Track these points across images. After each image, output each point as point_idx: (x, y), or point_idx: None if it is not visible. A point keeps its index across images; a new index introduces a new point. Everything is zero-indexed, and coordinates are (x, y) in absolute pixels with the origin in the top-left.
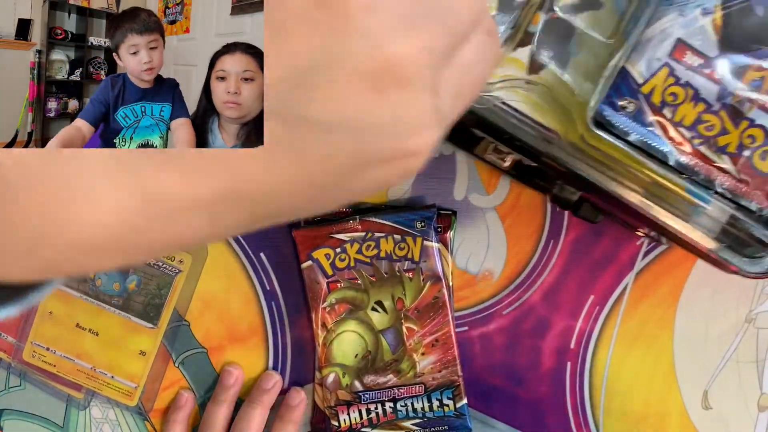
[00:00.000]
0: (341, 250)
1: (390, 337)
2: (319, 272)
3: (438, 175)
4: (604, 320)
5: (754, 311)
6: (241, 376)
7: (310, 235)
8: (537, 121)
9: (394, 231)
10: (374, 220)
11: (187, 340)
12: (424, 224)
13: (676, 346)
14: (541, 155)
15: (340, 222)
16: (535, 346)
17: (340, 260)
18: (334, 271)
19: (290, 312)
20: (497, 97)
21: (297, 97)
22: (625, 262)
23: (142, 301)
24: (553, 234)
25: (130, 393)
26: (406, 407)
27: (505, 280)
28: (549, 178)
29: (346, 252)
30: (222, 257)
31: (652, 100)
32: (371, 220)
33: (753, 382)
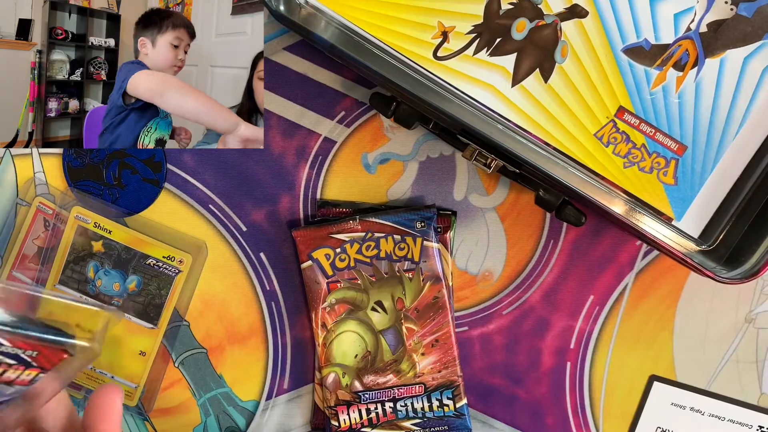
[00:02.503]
0: (341, 251)
1: (390, 337)
2: (319, 272)
3: (438, 175)
4: (604, 320)
5: (754, 311)
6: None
7: (309, 235)
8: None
9: (394, 231)
10: (374, 221)
11: (187, 340)
12: (424, 224)
13: (676, 346)
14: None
15: (340, 222)
16: (535, 346)
17: (340, 260)
18: (334, 271)
19: (290, 312)
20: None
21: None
22: (625, 262)
23: (142, 301)
24: (553, 234)
25: (130, 393)
26: (405, 407)
27: (505, 280)
28: (532, 183)
29: (346, 252)
30: (222, 257)
31: None
32: (371, 220)
33: (753, 382)
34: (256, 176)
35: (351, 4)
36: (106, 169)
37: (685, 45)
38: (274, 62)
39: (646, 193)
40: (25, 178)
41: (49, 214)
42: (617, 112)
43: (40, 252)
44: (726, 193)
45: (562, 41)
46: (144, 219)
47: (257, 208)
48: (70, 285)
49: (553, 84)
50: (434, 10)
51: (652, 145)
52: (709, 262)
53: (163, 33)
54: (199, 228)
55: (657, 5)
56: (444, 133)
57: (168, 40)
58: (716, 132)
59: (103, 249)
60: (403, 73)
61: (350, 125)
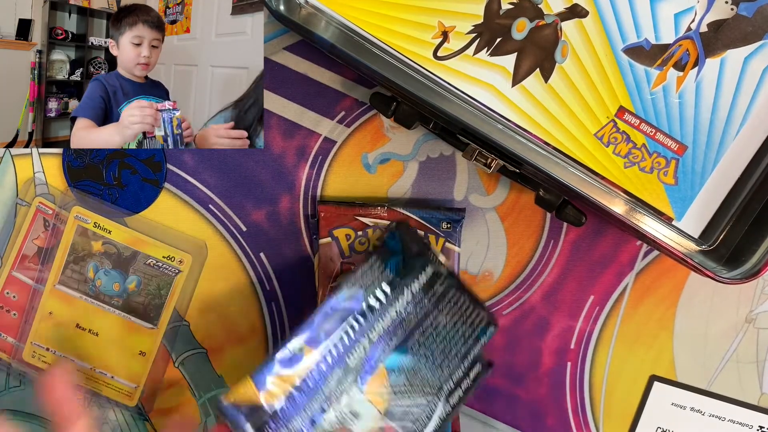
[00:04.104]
0: (363, 234)
1: None
2: (336, 251)
3: (438, 175)
4: (604, 320)
5: (754, 311)
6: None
7: (335, 212)
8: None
9: (418, 226)
10: (401, 212)
11: (187, 341)
12: (450, 226)
13: (676, 346)
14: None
15: (367, 206)
16: (535, 346)
17: (360, 243)
18: (351, 253)
19: (290, 312)
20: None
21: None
22: (625, 262)
23: (142, 301)
24: (553, 234)
25: (130, 393)
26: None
27: (505, 280)
28: (532, 182)
29: (367, 236)
30: (222, 257)
31: None
32: (399, 210)
33: (753, 382)
34: (256, 176)
35: (351, 4)
36: (106, 169)
37: (685, 45)
38: (274, 62)
39: (646, 193)
40: (25, 178)
41: (49, 214)
42: (617, 112)
43: (40, 252)
44: (726, 193)
45: (563, 41)
46: (144, 219)
47: (257, 208)
48: (70, 285)
49: (554, 84)
50: (434, 10)
51: (652, 145)
52: (710, 262)
53: (123, 33)
54: (199, 228)
55: (657, 5)
56: (444, 133)
57: (128, 39)
58: (717, 132)
59: (103, 249)
60: (404, 73)
61: (350, 125)
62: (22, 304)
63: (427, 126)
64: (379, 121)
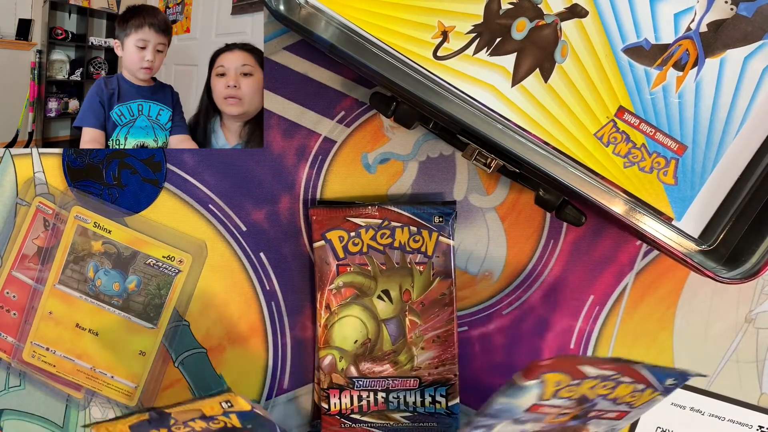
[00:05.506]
0: (356, 235)
1: (392, 327)
2: (331, 253)
3: (438, 175)
4: (604, 320)
5: (754, 311)
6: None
7: (326, 215)
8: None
9: (411, 222)
10: (392, 209)
11: (187, 340)
12: (442, 219)
13: (676, 346)
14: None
15: (358, 206)
16: (535, 346)
17: (354, 244)
18: (346, 255)
19: (290, 312)
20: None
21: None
22: (625, 262)
23: (142, 301)
24: (553, 234)
25: (130, 393)
26: (398, 399)
27: (505, 280)
28: (532, 182)
29: (360, 237)
30: (222, 257)
31: None
32: (390, 208)
33: (753, 382)
34: (256, 176)
35: (351, 4)
36: (106, 169)
37: (685, 45)
38: (274, 62)
39: (646, 193)
40: (25, 178)
41: (49, 214)
42: (617, 112)
43: (40, 252)
44: (726, 193)
45: (562, 41)
46: (144, 219)
47: (257, 208)
48: (70, 285)
49: (553, 84)
50: (434, 10)
51: (652, 144)
52: (709, 262)
53: (129, 35)
54: (199, 228)
55: (657, 5)
56: (444, 132)
57: (132, 42)
58: (716, 132)
59: (103, 249)
60: (403, 72)
61: (350, 125)
62: (22, 304)
63: (426, 126)
64: (379, 121)
